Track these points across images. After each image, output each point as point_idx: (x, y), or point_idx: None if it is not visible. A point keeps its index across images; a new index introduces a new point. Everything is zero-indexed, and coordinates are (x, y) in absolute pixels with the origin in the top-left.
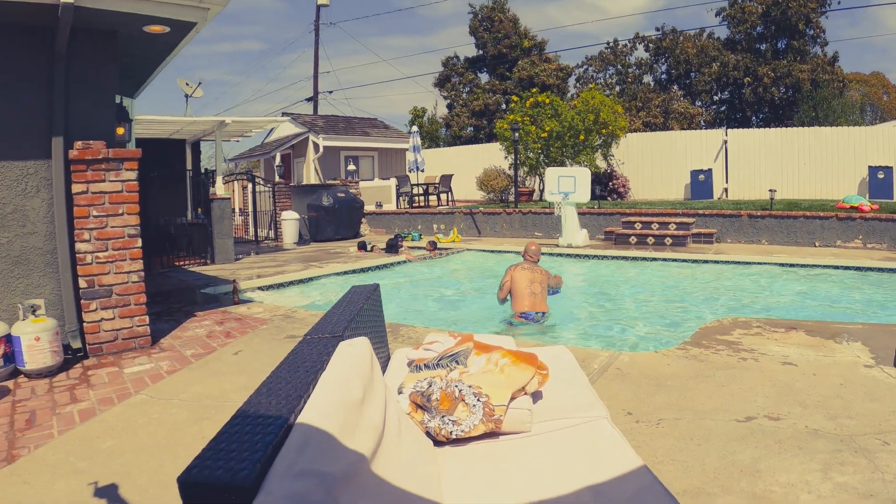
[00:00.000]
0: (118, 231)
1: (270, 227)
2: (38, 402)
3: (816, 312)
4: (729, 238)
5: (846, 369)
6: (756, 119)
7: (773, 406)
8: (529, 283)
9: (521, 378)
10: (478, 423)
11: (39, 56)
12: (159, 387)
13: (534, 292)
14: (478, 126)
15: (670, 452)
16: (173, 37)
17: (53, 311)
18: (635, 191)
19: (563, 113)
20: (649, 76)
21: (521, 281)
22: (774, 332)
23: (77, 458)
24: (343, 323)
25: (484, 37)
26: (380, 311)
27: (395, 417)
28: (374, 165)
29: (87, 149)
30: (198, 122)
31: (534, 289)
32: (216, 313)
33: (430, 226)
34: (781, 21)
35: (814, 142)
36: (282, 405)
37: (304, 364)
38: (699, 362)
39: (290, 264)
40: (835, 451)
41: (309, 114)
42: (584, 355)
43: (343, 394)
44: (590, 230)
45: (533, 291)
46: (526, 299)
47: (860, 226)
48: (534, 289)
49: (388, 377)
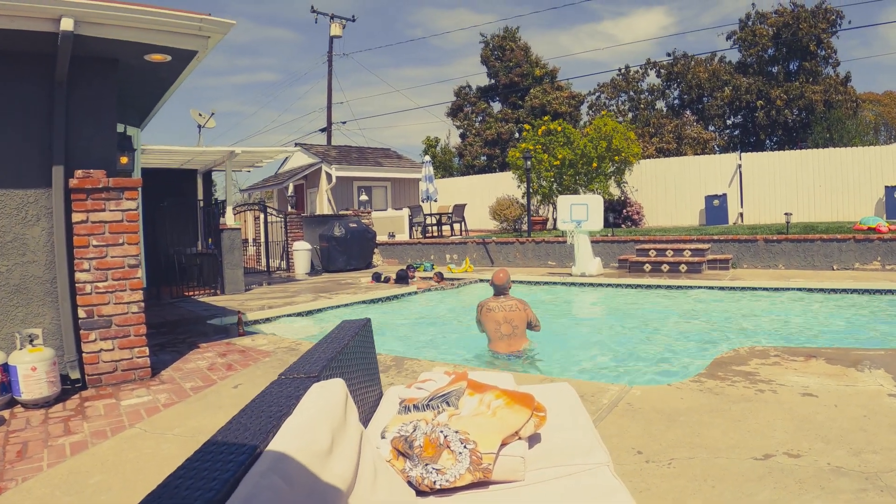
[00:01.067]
0: (118, 261)
1: (282, 257)
2: (31, 433)
3: (836, 339)
4: (745, 263)
5: (869, 399)
6: (770, 142)
7: (793, 441)
8: (498, 326)
9: (515, 422)
10: (464, 473)
11: (40, 84)
12: (154, 420)
13: (504, 334)
14: (491, 155)
15: (682, 495)
16: (175, 66)
17: (52, 341)
18: (649, 217)
19: (576, 140)
20: (661, 102)
21: (490, 323)
22: (793, 361)
23: (63, 492)
24: (322, 362)
25: (496, 66)
26: (371, 346)
27: (371, 466)
28: (387, 195)
29: (88, 178)
30: (208, 152)
31: (504, 330)
32: (220, 345)
33: (443, 256)
34: (792, 43)
35: (828, 163)
36: (233, 456)
37: (269, 409)
38: (714, 395)
39: (300, 295)
40: (859, 490)
41: (322, 144)
42: (594, 389)
43: (306, 441)
44: (603, 258)
45: (503, 333)
46: (499, 342)
47: (878, 247)
48: (504, 330)
49: (377, 418)
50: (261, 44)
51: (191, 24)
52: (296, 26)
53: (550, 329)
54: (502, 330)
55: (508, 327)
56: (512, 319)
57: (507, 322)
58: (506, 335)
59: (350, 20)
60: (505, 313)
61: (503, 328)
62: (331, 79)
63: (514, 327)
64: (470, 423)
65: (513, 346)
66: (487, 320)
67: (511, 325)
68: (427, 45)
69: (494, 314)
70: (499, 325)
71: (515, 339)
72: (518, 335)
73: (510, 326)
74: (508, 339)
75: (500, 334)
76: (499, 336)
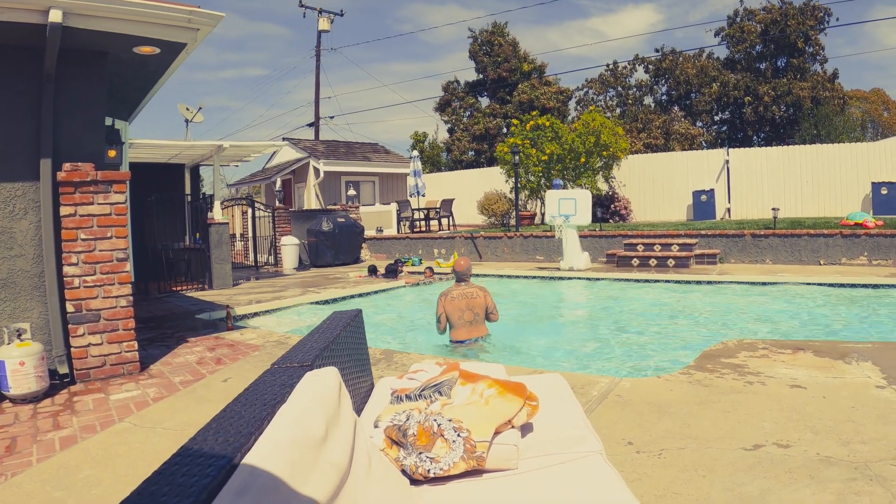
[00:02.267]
0: (106, 255)
1: (270, 252)
2: (20, 428)
3: (824, 332)
4: (732, 258)
5: (857, 391)
6: (757, 138)
7: (782, 432)
8: (461, 312)
9: (508, 410)
10: (458, 461)
11: (27, 77)
12: (144, 414)
13: (467, 321)
14: (479, 150)
15: (673, 485)
16: (164, 58)
17: (40, 336)
18: (637, 212)
19: (564, 135)
20: (650, 97)
21: (454, 312)
22: (781, 354)
23: (53, 487)
24: (315, 351)
25: (484, 61)
26: (362, 337)
27: (365, 454)
28: (374, 190)
29: (76, 171)
30: (196, 147)
31: (466, 317)
32: (209, 339)
33: (431, 250)
34: (780, 39)
35: (816, 159)
36: (228, 443)
37: (263, 397)
38: (704, 387)
39: (288, 290)
40: (849, 479)
41: (310, 139)
42: (584, 381)
43: (300, 430)
44: (592, 253)
45: (466, 320)
46: (460, 329)
47: (865, 242)
48: (466, 317)
49: (370, 408)
50: (249, 38)
51: (180, 16)
52: (284, 21)
53: (540, 322)
54: (465, 317)
55: (471, 314)
56: (473, 306)
57: (470, 309)
58: (468, 322)
59: (338, 14)
60: (467, 300)
61: (466, 315)
62: (319, 73)
63: (475, 314)
64: (463, 412)
65: (473, 333)
66: (451, 309)
67: (473, 311)
68: (415, 39)
69: (457, 302)
70: (462, 313)
71: (476, 327)
72: (479, 322)
73: (472, 313)
74: (469, 327)
75: (463, 321)
76: (462, 323)
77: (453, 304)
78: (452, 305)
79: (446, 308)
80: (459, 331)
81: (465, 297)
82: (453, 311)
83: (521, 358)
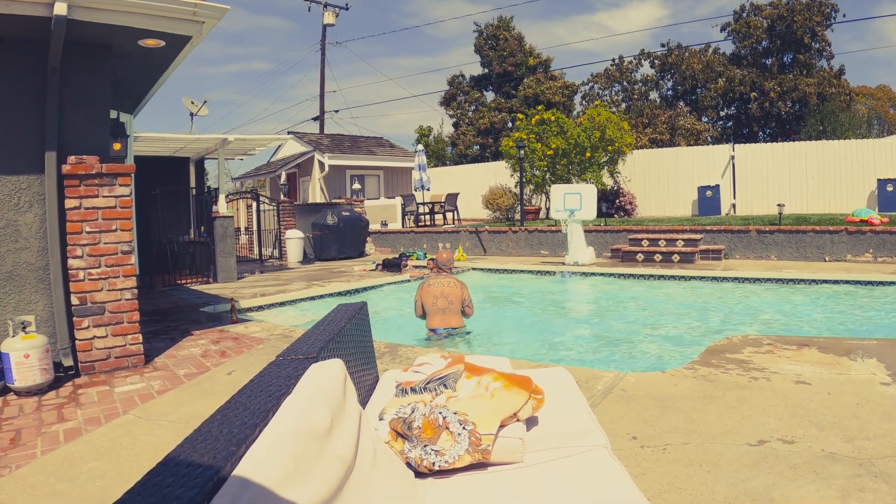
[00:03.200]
0: (111, 247)
1: (275, 245)
2: (24, 420)
3: (829, 328)
4: (737, 254)
5: (862, 387)
6: (763, 134)
7: (787, 428)
8: (435, 299)
9: (513, 404)
10: (463, 454)
11: (32, 70)
12: (148, 407)
13: (441, 308)
14: (484, 144)
15: (677, 480)
16: (169, 51)
17: (45, 328)
18: (642, 208)
19: (569, 130)
20: (655, 92)
21: (427, 298)
22: (786, 350)
23: (57, 479)
24: (320, 343)
25: (489, 55)
26: (367, 330)
27: (371, 447)
28: (379, 184)
29: (80, 164)
30: (201, 140)
31: (440, 304)
32: (213, 332)
33: (436, 245)
34: (787, 35)
35: (822, 156)
36: (233, 434)
37: (269, 388)
38: (708, 382)
39: (293, 283)
40: (853, 476)
41: (314, 133)
42: (588, 376)
43: (305, 421)
44: (596, 248)
45: (440, 307)
46: (435, 316)
47: (870, 239)
48: (440, 304)
49: (374, 401)
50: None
51: (185, 8)
52: (289, 15)
53: (544, 317)
54: (438, 304)
55: (444, 301)
56: (448, 294)
57: (444, 296)
58: (441, 309)
59: (343, 8)
60: (442, 288)
61: (439, 302)
62: (323, 67)
63: (449, 302)
64: (468, 405)
65: (447, 322)
66: (426, 295)
67: (447, 299)
68: (421, 33)
69: (432, 289)
70: (436, 299)
71: (450, 315)
72: (453, 311)
73: (446, 301)
74: (443, 315)
75: (437, 308)
76: (435, 310)
77: (428, 290)
78: (427, 292)
79: (421, 294)
80: (433, 318)
81: (441, 286)
82: (427, 296)
83: (525, 352)
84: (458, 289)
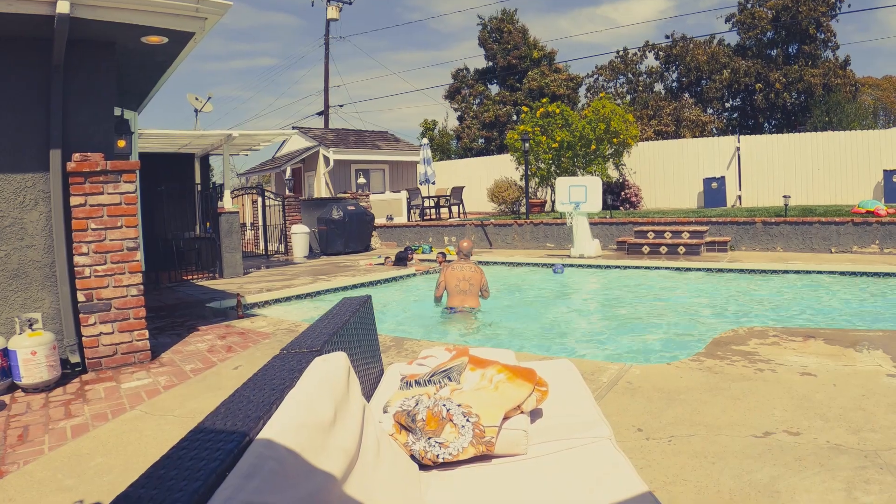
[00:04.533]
0: (117, 244)
1: (280, 241)
2: (32, 416)
3: (834, 320)
4: (743, 246)
5: (867, 379)
6: (768, 125)
7: (792, 420)
8: (458, 282)
9: (517, 396)
10: (467, 446)
11: (36, 68)
12: (155, 402)
13: (462, 290)
14: (488, 138)
15: (682, 471)
16: (172, 48)
17: (52, 325)
18: (647, 200)
19: (574, 123)
20: (660, 84)
21: (452, 280)
22: (792, 342)
23: (65, 475)
24: (324, 336)
25: (493, 48)
26: (372, 323)
27: (374, 439)
28: (384, 178)
29: (85, 161)
30: (205, 136)
31: (462, 286)
32: (219, 327)
33: (441, 238)
34: (792, 26)
35: (827, 147)
36: (238, 427)
37: (272, 381)
38: (714, 374)
39: (299, 278)
40: (859, 467)
41: (319, 128)
42: (593, 368)
43: (309, 413)
44: (602, 240)
45: (461, 289)
46: (455, 296)
47: (877, 230)
48: (462, 286)
49: (379, 393)
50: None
51: (188, 5)
52: (292, 10)
53: (550, 309)
54: (461, 286)
55: (466, 284)
56: (470, 278)
57: (466, 280)
58: (462, 291)
59: (347, 3)
60: (465, 272)
61: (461, 284)
62: (328, 62)
63: (470, 285)
64: (472, 398)
65: (466, 302)
66: (450, 277)
67: (468, 282)
68: (425, 27)
69: (456, 272)
70: (459, 282)
71: (469, 296)
72: (472, 293)
73: (467, 284)
74: (463, 295)
75: (459, 290)
76: (457, 291)
77: (453, 273)
78: (452, 275)
79: (446, 276)
80: (454, 298)
81: (464, 270)
82: (451, 278)
83: (530, 344)
84: (479, 274)
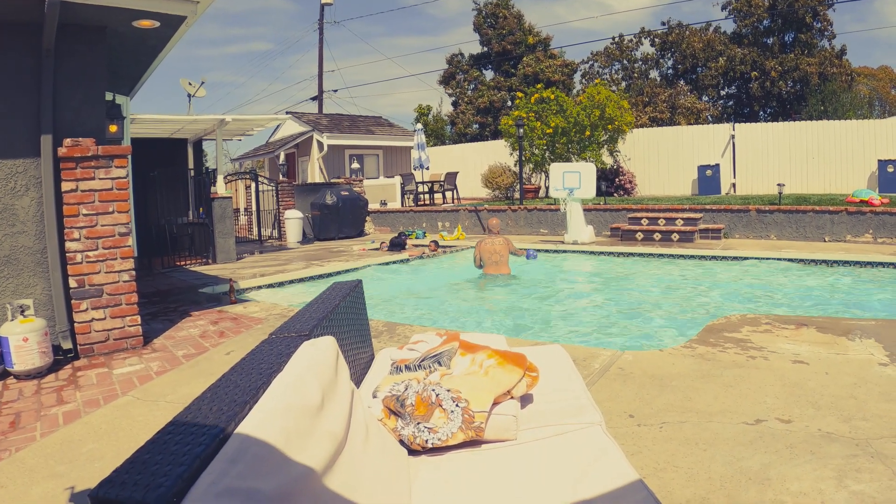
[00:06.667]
0: (109, 230)
1: (274, 226)
2: (24, 403)
3: (827, 308)
4: (737, 233)
5: (860, 367)
6: (763, 113)
7: (784, 407)
8: (491, 254)
9: (507, 381)
10: (456, 431)
11: (27, 53)
12: (147, 388)
13: (495, 261)
14: (483, 123)
15: (674, 458)
16: (164, 32)
17: (44, 312)
18: (642, 187)
19: (569, 109)
20: (655, 71)
21: (485, 253)
22: (784, 329)
23: (56, 461)
24: (313, 321)
25: (488, 33)
26: (362, 308)
27: (363, 424)
28: (378, 164)
29: (76, 146)
30: (198, 121)
31: (494, 258)
32: (212, 313)
33: (435, 223)
34: (788, 14)
35: (822, 136)
36: (223, 411)
37: (260, 366)
38: (706, 361)
39: (292, 263)
40: (850, 456)
41: (313, 112)
42: (585, 354)
43: (296, 397)
44: (596, 227)
45: (494, 261)
46: (491, 266)
47: (870, 220)
48: (494, 258)
49: (369, 378)
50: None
51: None
52: None
53: (543, 295)
54: (493, 258)
55: (497, 256)
56: (500, 251)
57: (497, 252)
58: (495, 262)
59: None
60: (495, 246)
61: (493, 257)
62: (322, 47)
63: (500, 256)
64: (462, 383)
65: (499, 270)
66: (484, 251)
67: (499, 254)
68: (420, 13)
69: (488, 246)
70: (491, 254)
71: (502, 265)
72: (503, 262)
73: (498, 256)
74: (497, 265)
75: (492, 261)
76: (491, 262)
77: (485, 247)
78: (484, 248)
79: (481, 250)
80: (490, 267)
81: (494, 244)
82: (485, 252)
83: (522, 329)
84: (506, 245)
